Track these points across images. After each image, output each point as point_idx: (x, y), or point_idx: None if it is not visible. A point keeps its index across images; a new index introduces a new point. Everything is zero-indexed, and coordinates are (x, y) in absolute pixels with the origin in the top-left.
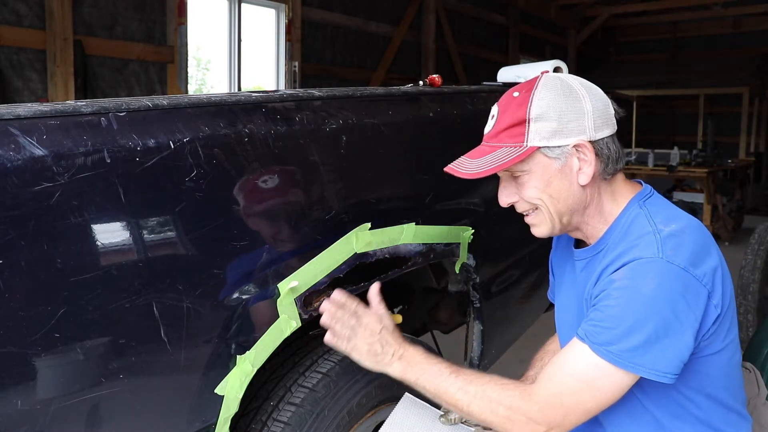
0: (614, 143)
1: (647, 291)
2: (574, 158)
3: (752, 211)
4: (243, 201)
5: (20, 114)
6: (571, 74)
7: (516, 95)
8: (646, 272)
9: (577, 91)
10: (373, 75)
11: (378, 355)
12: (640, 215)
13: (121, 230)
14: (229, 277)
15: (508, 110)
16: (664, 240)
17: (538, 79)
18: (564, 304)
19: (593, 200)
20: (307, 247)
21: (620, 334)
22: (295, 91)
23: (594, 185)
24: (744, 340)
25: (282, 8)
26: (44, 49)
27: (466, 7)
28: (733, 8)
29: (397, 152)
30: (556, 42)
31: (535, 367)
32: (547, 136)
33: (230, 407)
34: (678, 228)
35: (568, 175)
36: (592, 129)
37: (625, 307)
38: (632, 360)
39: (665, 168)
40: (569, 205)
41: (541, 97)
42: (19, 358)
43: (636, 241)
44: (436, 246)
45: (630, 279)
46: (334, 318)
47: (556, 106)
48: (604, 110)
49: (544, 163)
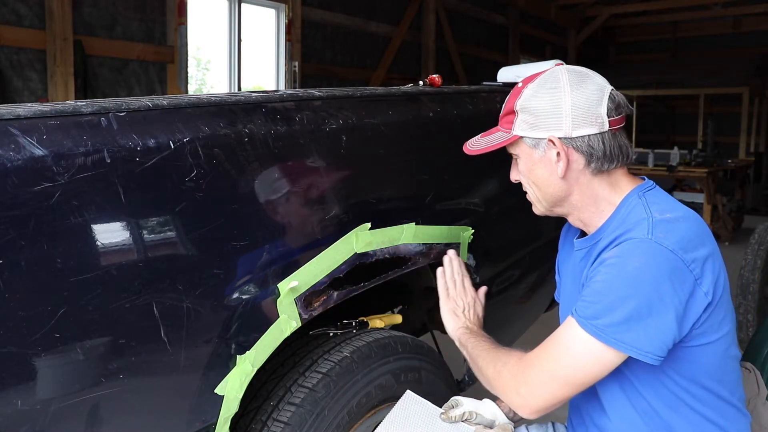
0: (603, 142)
1: (632, 269)
2: (552, 151)
3: (752, 211)
4: (243, 201)
5: (20, 114)
6: (578, 67)
7: (519, 85)
8: (633, 250)
9: (562, 88)
10: (373, 75)
11: (457, 317)
12: (638, 205)
13: (121, 230)
14: (229, 277)
15: (510, 97)
16: (656, 223)
17: (544, 71)
18: (566, 297)
19: (578, 191)
20: (307, 247)
21: (603, 309)
22: (295, 91)
23: (579, 178)
24: (744, 340)
25: (282, 8)
26: (44, 49)
27: (466, 7)
28: (733, 8)
29: (397, 152)
30: (556, 42)
31: None
32: (528, 127)
33: (230, 407)
34: (673, 216)
35: (547, 165)
36: (569, 126)
37: (610, 283)
38: (614, 335)
39: (665, 168)
40: (550, 192)
41: (529, 90)
42: (19, 358)
43: (630, 227)
44: (436, 246)
45: (618, 257)
46: (450, 278)
47: (537, 101)
48: (587, 109)
49: (527, 150)
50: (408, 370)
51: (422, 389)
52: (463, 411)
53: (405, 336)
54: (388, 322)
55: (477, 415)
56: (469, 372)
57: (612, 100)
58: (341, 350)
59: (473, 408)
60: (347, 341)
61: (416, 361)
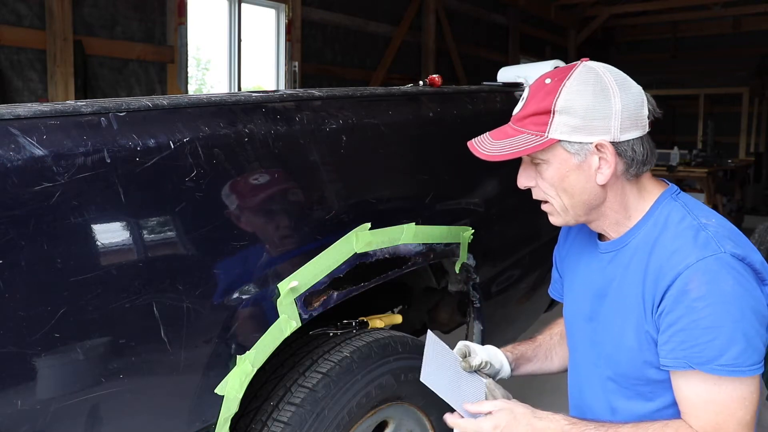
0: (642, 145)
1: (729, 290)
2: (594, 156)
3: (752, 211)
4: (243, 201)
5: (20, 114)
6: (610, 66)
7: (548, 82)
8: (718, 271)
9: (610, 88)
10: (373, 75)
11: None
12: (677, 207)
13: (121, 230)
14: (230, 277)
15: (537, 96)
16: (715, 235)
17: (574, 68)
18: (577, 297)
19: (612, 197)
20: (307, 247)
21: (725, 343)
22: (295, 91)
23: (615, 184)
24: None
25: (282, 8)
26: (44, 49)
27: (466, 7)
28: (733, 8)
29: (397, 152)
30: (556, 42)
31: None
32: (569, 130)
33: (230, 407)
34: (718, 220)
35: (586, 171)
36: (618, 130)
37: (717, 314)
38: (745, 363)
39: (665, 168)
40: (584, 200)
41: (570, 89)
42: (19, 358)
43: (684, 236)
44: (436, 246)
45: (708, 284)
46: None
47: (583, 101)
48: (634, 111)
49: (563, 156)
50: (408, 370)
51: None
52: (480, 361)
53: (405, 336)
54: (388, 322)
55: (489, 365)
56: None
57: (650, 101)
58: (341, 350)
59: (486, 357)
60: (347, 341)
61: (416, 361)
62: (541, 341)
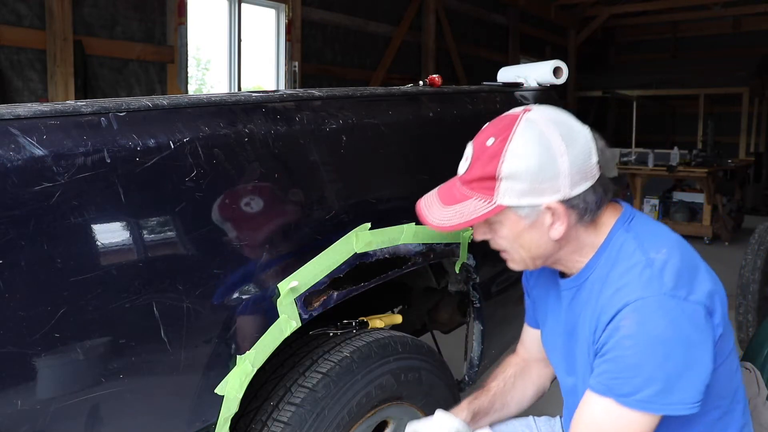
0: (594, 192)
1: (659, 332)
2: (546, 215)
3: (752, 211)
4: (243, 201)
5: (20, 114)
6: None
7: (490, 143)
8: (653, 312)
9: (555, 147)
10: (373, 75)
11: None
12: (628, 240)
13: (121, 230)
14: (230, 277)
15: (481, 158)
16: (660, 273)
17: (515, 126)
18: (552, 332)
19: (569, 245)
20: (307, 247)
21: (643, 382)
22: (295, 91)
23: (569, 233)
24: (744, 340)
25: (282, 8)
26: (44, 49)
27: (466, 7)
28: (733, 8)
29: (397, 152)
30: (556, 42)
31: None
32: (517, 195)
33: (230, 407)
34: (668, 253)
35: (539, 229)
36: (567, 187)
37: (641, 354)
38: (661, 402)
39: (665, 168)
40: (540, 253)
41: (514, 152)
42: (19, 358)
43: (630, 273)
44: (436, 246)
45: (639, 324)
46: None
47: (528, 164)
48: (583, 164)
49: (513, 218)
50: (408, 370)
51: (422, 389)
52: None
53: (405, 336)
54: (388, 322)
55: None
56: (469, 372)
57: (597, 143)
58: (341, 350)
59: None
60: (347, 341)
61: (416, 361)
62: (495, 389)
